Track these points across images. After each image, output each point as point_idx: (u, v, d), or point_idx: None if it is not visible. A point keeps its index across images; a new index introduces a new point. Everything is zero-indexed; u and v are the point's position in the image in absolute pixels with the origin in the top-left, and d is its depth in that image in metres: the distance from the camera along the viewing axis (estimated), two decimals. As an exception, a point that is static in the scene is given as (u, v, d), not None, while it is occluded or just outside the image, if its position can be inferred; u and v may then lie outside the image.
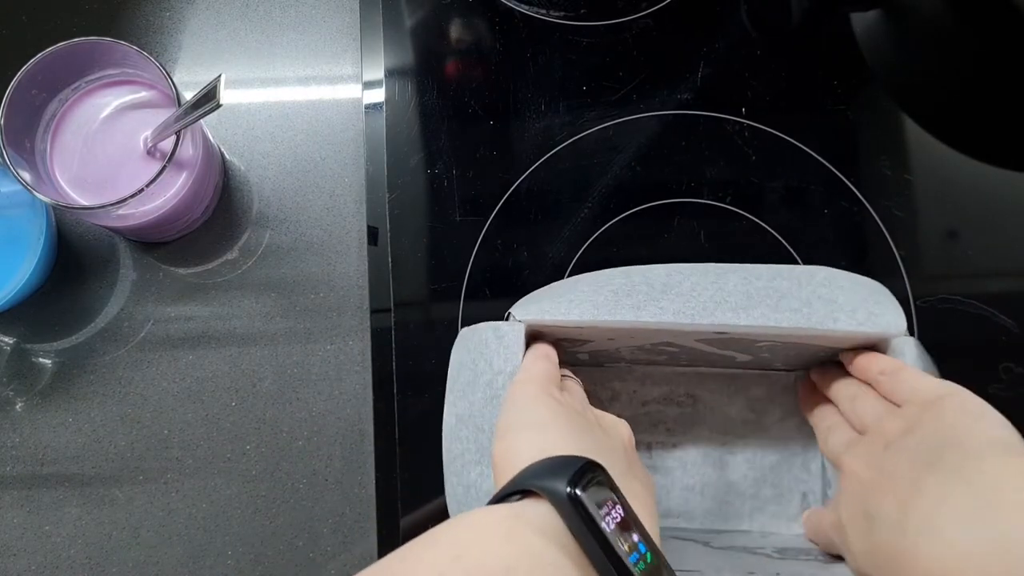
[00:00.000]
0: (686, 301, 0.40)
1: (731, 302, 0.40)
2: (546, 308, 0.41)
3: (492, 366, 0.40)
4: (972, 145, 0.54)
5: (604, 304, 0.41)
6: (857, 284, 0.42)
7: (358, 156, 0.54)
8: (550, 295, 0.42)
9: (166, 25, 0.55)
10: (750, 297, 0.40)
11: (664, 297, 0.41)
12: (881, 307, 0.41)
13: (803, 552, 0.43)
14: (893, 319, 0.40)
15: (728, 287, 0.41)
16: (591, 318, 0.40)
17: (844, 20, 0.56)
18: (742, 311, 0.40)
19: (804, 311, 0.40)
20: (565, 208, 0.52)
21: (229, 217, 0.53)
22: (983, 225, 0.53)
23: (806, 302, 0.40)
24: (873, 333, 0.40)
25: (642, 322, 0.40)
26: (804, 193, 0.53)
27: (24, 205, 0.49)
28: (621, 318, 0.40)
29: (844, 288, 0.41)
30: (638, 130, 0.54)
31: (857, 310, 0.40)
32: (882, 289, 0.43)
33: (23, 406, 0.51)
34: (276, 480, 0.50)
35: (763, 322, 0.40)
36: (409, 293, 0.51)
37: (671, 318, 0.40)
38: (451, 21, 0.56)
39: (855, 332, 0.40)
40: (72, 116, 0.48)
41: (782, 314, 0.40)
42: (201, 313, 0.52)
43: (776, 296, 0.41)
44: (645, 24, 0.55)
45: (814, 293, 0.41)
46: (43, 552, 0.49)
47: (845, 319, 0.40)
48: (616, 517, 0.29)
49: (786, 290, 0.41)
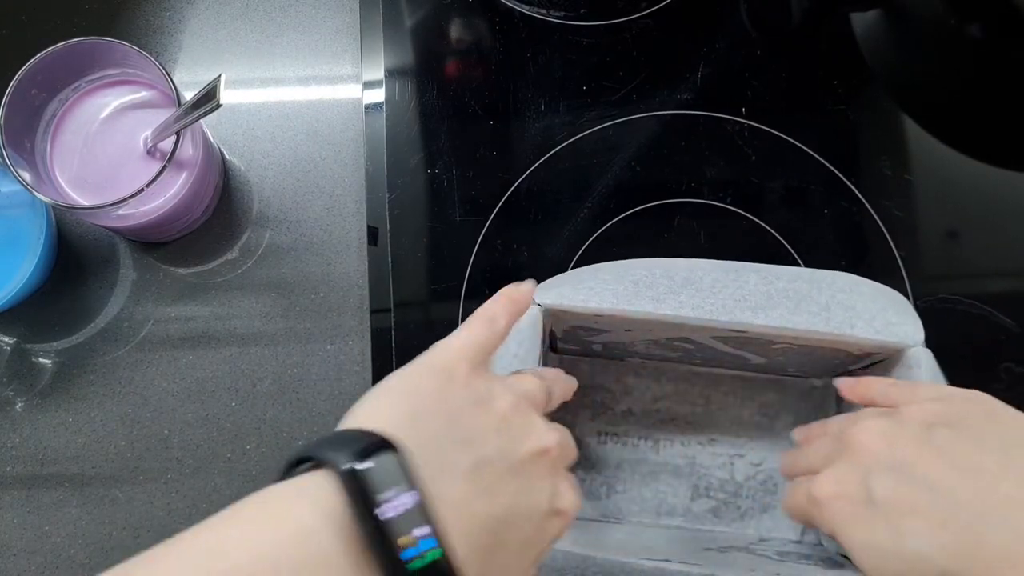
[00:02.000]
0: (706, 297, 0.41)
1: (751, 301, 0.41)
2: (566, 294, 0.41)
3: (509, 350, 0.40)
4: (972, 145, 0.54)
5: (624, 294, 0.41)
6: (878, 293, 0.42)
7: (358, 156, 0.54)
8: (571, 281, 0.42)
9: (166, 25, 0.55)
10: (770, 297, 0.41)
11: (684, 291, 0.41)
12: (900, 317, 0.41)
13: (804, 556, 0.43)
14: (911, 330, 0.40)
15: (749, 286, 0.41)
16: (610, 307, 0.41)
17: (844, 20, 0.56)
18: (761, 311, 0.40)
19: (823, 315, 0.40)
20: (565, 208, 0.52)
21: (229, 217, 0.53)
22: (983, 225, 0.53)
23: (825, 307, 0.41)
24: (890, 342, 0.40)
25: (661, 314, 0.40)
26: (804, 193, 0.53)
27: (24, 205, 0.49)
28: (640, 309, 0.40)
29: (864, 295, 0.41)
30: (638, 130, 0.54)
31: (876, 318, 0.40)
32: (902, 300, 0.43)
33: (23, 406, 0.51)
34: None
35: (781, 323, 0.40)
36: (409, 293, 0.51)
37: (691, 312, 0.40)
38: (451, 21, 0.56)
39: (872, 339, 0.40)
40: (72, 116, 0.48)
41: (800, 316, 0.40)
42: (201, 313, 0.52)
43: (796, 298, 0.41)
44: (645, 24, 0.55)
45: (833, 298, 0.41)
46: (43, 552, 0.49)
47: (863, 326, 0.40)
48: (406, 504, 0.26)
49: (806, 293, 0.41)
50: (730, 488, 0.48)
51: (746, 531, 0.47)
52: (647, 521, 0.47)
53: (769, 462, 0.48)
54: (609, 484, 0.48)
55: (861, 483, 0.33)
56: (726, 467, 0.48)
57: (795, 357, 0.44)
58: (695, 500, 0.47)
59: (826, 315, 0.40)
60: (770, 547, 0.44)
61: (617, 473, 0.48)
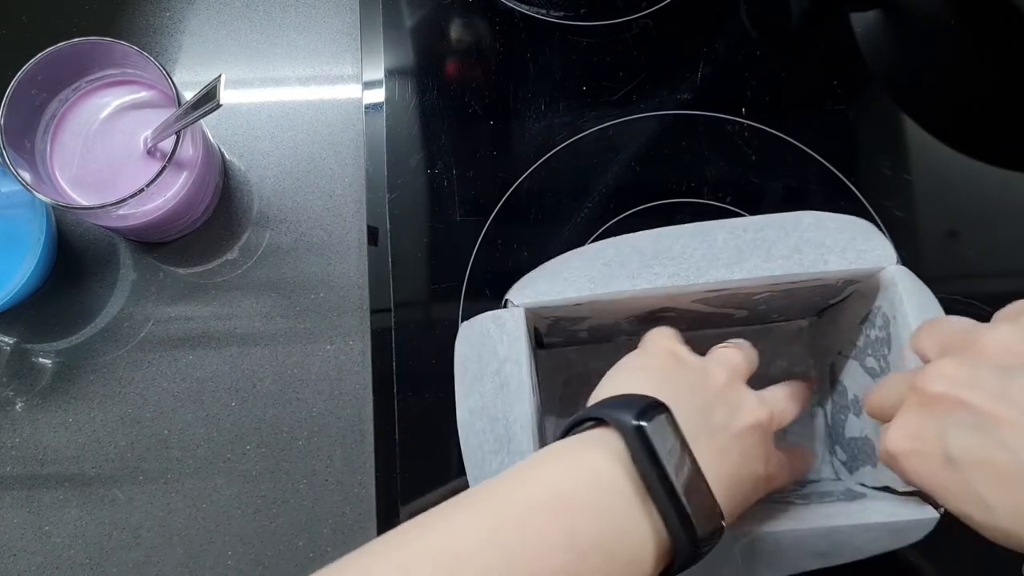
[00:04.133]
0: (679, 263, 0.41)
1: (723, 258, 0.41)
2: (542, 289, 0.41)
3: (497, 355, 0.40)
4: (972, 145, 0.54)
5: (599, 278, 0.41)
6: (844, 224, 0.43)
7: (358, 156, 0.54)
8: (544, 275, 0.42)
9: (166, 25, 0.55)
10: (740, 251, 0.41)
11: (657, 263, 0.41)
12: (870, 243, 0.42)
13: (826, 495, 0.43)
14: (882, 252, 0.41)
15: (718, 244, 0.42)
16: (588, 293, 0.41)
17: (844, 20, 0.56)
18: (735, 265, 0.41)
19: (795, 257, 0.41)
20: (565, 208, 0.52)
21: (229, 217, 0.53)
22: (983, 225, 0.53)
23: (795, 248, 0.41)
24: (864, 269, 0.41)
25: (639, 290, 0.41)
26: (804, 193, 0.53)
27: (24, 205, 0.49)
28: (618, 288, 0.41)
29: (831, 229, 0.42)
30: (638, 130, 0.54)
31: (846, 249, 0.41)
32: (869, 226, 0.43)
33: (23, 406, 0.51)
34: (276, 480, 0.50)
35: (757, 273, 0.41)
36: (409, 293, 0.51)
37: (668, 281, 0.41)
38: (451, 21, 0.56)
39: (846, 270, 0.41)
40: (72, 116, 0.48)
41: (774, 263, 0.41)
42: (201, 313, 0.52)
43: (766, 246, 0.41)
44: (645, 24, 0.55)
45: (802, 238, 0.42)
46: (43, 552, 0.49)
47: (835, 259, 0.41)
48: (675, 451, 0.32)
49: (774, 239, 0.42)
50: None
51: None
52: None
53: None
54: None
55: (936, 438, 0.31)
56: None
57: (777, 303, 0.45)
58: None
59: (798, 256, 0.41)
60: (790, 492, 0.45)
61: None
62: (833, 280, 0.42)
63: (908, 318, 0.40)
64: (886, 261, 0.41)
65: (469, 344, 0.42)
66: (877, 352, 0.43)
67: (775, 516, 0.40)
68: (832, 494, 0.43)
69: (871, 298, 0.43)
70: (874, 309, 0.43)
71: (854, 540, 0.39)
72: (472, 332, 0.42)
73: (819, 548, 0.39)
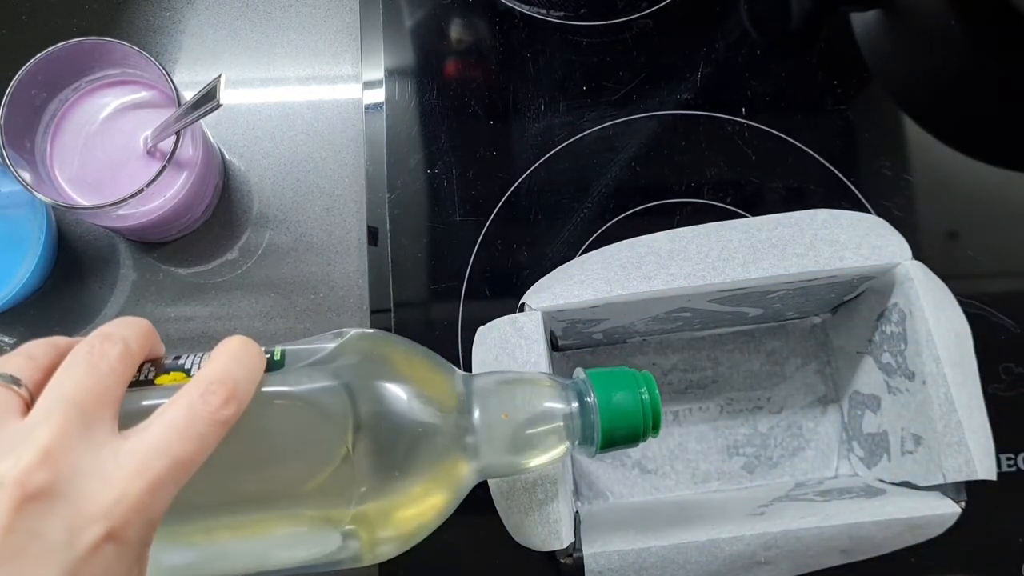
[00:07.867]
0: (695, 263, 0.41)
1: (739, 258, 0.41)
2: (559, 293, 0.42)
3: (516, 359, 0.40)
4: (972, 145, 0.54)
5: (616, 280, 0.41)
6: (857, 220, 0.43)
7: (358, 156, 0.54)
8: (561, 278, 0.43)
9: (166, 25, 0.55)
10: (755, 250, 0.42)
11: (673, 263, 0.41)
12: (883, 239, 0.42)
13: (844, 491, 0.44)
14: (897, 248, 0.42)
15: (733, 244, 0.42)
16: (605, 294, 0.41)
17: (844, 20, 0.56)
18: (751, 264, 0.41)
19: (810, 255, 0.41)
20: (565, 208, 0.52)
21: (229, 217, 0.53)
22: (983, 225, 0.53)
23: (810, 246, 0.42)
24: (880, 265, 0.41)
25: (656, 290, 0.41)
26: (804, 193, 0.53)
27: (24, 205, 0.49)
28: (635, 290, 0.41)
29: (844, 226, 0.42)
30: (638, 130, 0.54)
31: (861, 245, 0.41)
32: (882, 222, 0.44)
33: (23, 406, 0.51)
34: (276, 480, 0.50)
35: (773, 271, 0.41)
36: (409, 293, 0.51)
37: (684, 282, 0.41)
38: (451, 21, 0.56)
39: (862, 266, 0.41)
40: (72, 116, 0.48)
41: (789, 261, 0.41)
42: (201, 313, 0.52)
43: (781, 245, 0.42)
44: (645, 24, 0.55)
45: (816, 236, 0.42)
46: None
47: (850, 255, 0.41)
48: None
49: (789, 237, 0.42)
50: (757, 441, 0.48)
51: (782, 479, 0.48)
52: (686, 492, 0.48)
53: (788, 406, 0.49)
54: (641, 466, 0.48)
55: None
56: (748, 422, 0.49)
57: (792, 300, 0.45)
58: (726, 461, 0.48)
59: (813, 254, 0.41)
60: (809, 489, 0.45)
61: (645, 452, 0.48)
62: (849, 277, 0.42)
63: (925, 313, 0.40)
64: (901, 256, 0.41)
65: (487, 348, 0.42)
66: (893, 348, 0.43)
67: (796, 514, 0.40)
68: (851, 491, 0.44)
69: (886, 294, 0.43)
70: (890, 305, 0.43)
71: (875, 536, 0.39)
72: (490, 336, 0.42)
73: (842, 545, 0.39)
